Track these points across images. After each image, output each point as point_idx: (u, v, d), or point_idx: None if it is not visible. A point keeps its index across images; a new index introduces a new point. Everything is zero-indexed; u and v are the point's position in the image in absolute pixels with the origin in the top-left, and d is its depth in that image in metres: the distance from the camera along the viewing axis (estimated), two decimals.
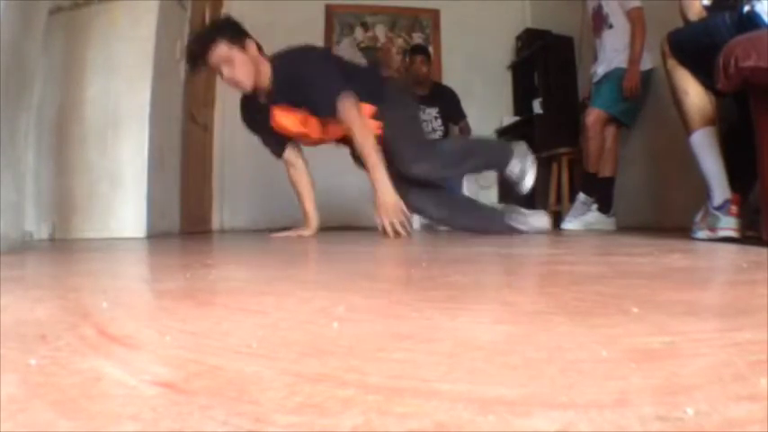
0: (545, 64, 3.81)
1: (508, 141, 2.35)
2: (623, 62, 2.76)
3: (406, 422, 0.22)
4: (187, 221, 3.08)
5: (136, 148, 2.39)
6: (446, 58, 4.44)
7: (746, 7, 1.55)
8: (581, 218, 2.87)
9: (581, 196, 2.93)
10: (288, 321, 0.46)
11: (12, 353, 0.34)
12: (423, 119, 3.40)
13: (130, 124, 2.39)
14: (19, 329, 0.42)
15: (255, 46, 2.01)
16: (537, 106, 3.74)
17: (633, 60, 2.72)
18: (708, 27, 1.64)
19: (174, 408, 0.24)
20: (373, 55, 4.40)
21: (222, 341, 0.38)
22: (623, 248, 1.46)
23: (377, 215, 1.96)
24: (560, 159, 3.39)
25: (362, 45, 4.47)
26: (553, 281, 0.75)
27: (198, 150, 3.59)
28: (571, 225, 2.88)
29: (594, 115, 2.84)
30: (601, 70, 2.90)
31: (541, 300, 0.55)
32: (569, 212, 2.96)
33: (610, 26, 2.85)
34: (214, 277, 0.84)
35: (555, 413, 0.23)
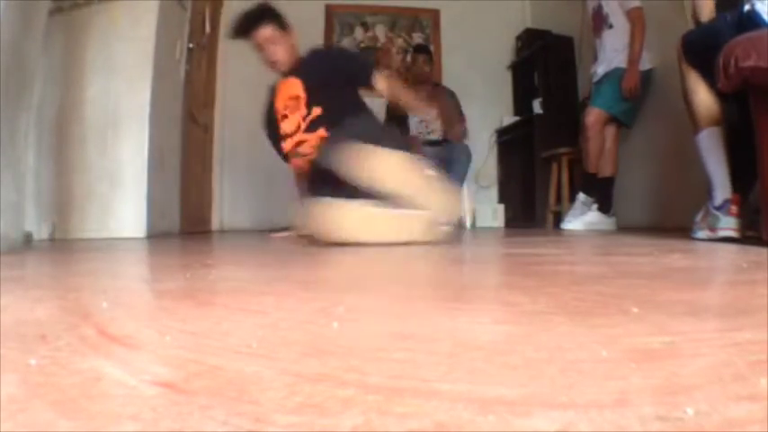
0: (545, 64, 3.81)
1: None
2: (623, 62, 2.76)
3: (406, 422, 0.22)
4: (187, 221, 3.08)
5: (136, 148, 2.39)
6: (446, 58, 4.44)
7: (747, 6, 1.55)
8: (581, 218, 2.87)
9: (581, 196, 2.93)
10: (288, 321, 0.46)
11: (12, 353, 0.34)
12: (423, 119, 3.41)
13: (130, 124, 2.39)
14: (19, 329, 0.42)
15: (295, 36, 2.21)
16: (537, 106, 3.74)
17: (632, 60, 2.72)
18: (711, 28, 1.65)
19: (174, 408, 0.24)
20: (373, 55, 4.39)
21: (222, 341, 0.38)
22: (623, 248, 1.46)
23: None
24: (560, 159, 3.39)
25: (362, 45, 4.46)
26: (553, 281, 0.75)
27: (198, 150, 3.59)
28: (571, 225, 2.88)
29: (594, 115, 2.84)
30: (601, 70, 2.90)
31: (541, 300, 0.55)
32: (569, 212, 2.96)
33: (610, 26, 2.85)
34: (214, 277, 0.84)
35: (555, 413, 0.23)
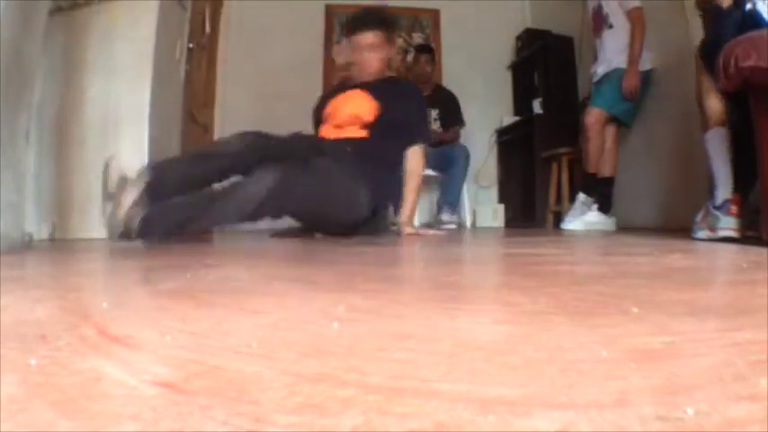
0: (545, 64, 3.81)
1: None
2: (623, 62, 2.76)
3: (406, 422, 0.22)
4: None
5: (136, 148, 2.39)
6: (446, 58, 4.44)
7: (748, 6, 1.55)
8: (581, 218, 2.87)
9: (581, 196, 2.92)
10: (288, 321, 0.46)
11: (12, 353, 0.34)
12: None
13: (130, 124, 2.38)
14: (19, 329, 0.42)
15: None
16: (537, 106, 3.74)
17: (633, 61, 2.71)
18: (717, 31, 1.67)
19: (174, 408, 0.24)
20: None
21: (222, 341, 0.38)
22: (623, 248, 1.46)
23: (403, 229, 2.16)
24: (560, 159, 3.39)
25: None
26: (553, 281, 0.75)
27: None
28: (571, 225, 2.87)
29: (594, 115, 2.84)
30: (601, 70, 2.90)
31: (541, 300, 0.55)
32: (569, 212, 2.96)
33: (610, 26, 2.85)
34: (214, 277, 0.84)
35: (555, 413, 0.23)
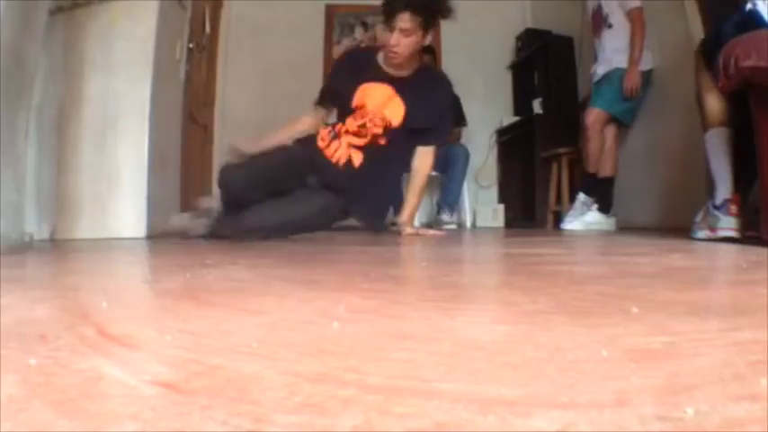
0: (545, 64, 3.81)
1: None
2: (623, 62, 2.76)
3: (406, 422, 0.22)
4: None
5: (135, 148, 2.39)
6: (446, 58, 4.44)
7: (748, 5, 1.56)
8: (581, 218, 2.87)
9: (581, 196, 2.93)
10: (288, 321, 0.46)
11: (12, 353, 0.34)
12: None
13: (130, 124, 2.38)
14: (19, 329, 0.42)
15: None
16: (537, 106, 3.74)
17: (633, 61, 2.71)
18: (718, 30, 1.67)
19: (174, 408, 0.24)
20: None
21: (222, 341, 0.38)
22: (623, 248, 1.46)
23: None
24: (560, 159, 3.39)
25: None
26: (553, 281, 0.75)
27: (198, 150, 3.58)
28: (571, 225, 2.88)
29: (594, 115, 2.84)
30: (601, 70, 2.90)
31: (541, 300, 0.55)
32: (569, 212, 2.96)
33: (609, 26, 2.85)
34: (214, 277, 0.84)
35: (555, 413, 0.23)
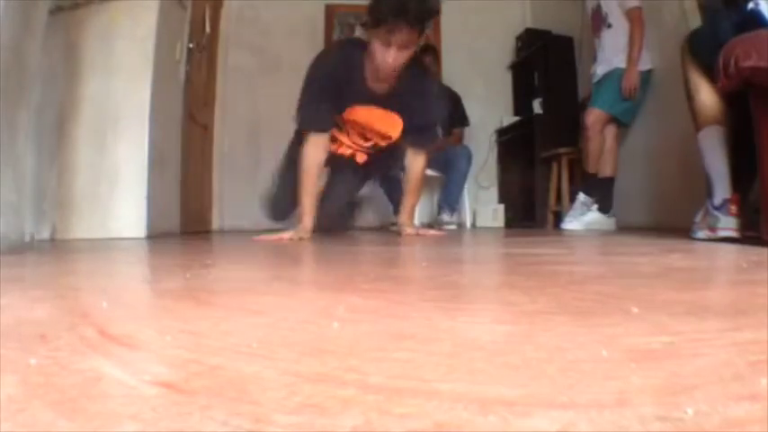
0: (545, 64, 3.81)
1: None
2: (623, 62, 2.76)
3: (406, 422, 0.22)
4: (187, 221, 3.07)
5: (136, 148, 2.39)
6: (446, 58, 4.44)
7: (750, 5, 1.55)
8: (581, 218, 2.87)
9: (581, 196, 2.93)
10: (288, 321, 0.46)
11: (12, 353, 0.34)
12: None
13: (130, 124, 2.39)
14: (19, 329, 0.42)
15: None
16: (537, 106, 3.74)
17: (632, 61, 2.71)
18: (715, 27, 1.66)
19: (174, 408, 0.24)
20: None
21: (222, 341, 0.38)
22: (623, 248, 1.46)
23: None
24: (560, 159, 3.39)
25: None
26: (553, 281, 0.75)
27: (198, 150, 3.58)
28: (571, 225, 2.88)
29: (594, 115, 2.84)
30: (600, 70, 2.90)
31: (541, 300, 0.55)
32: (569, 212, 2.96)
33: (609, 26, 2.85)
34: (214, 277, 0.84)
35: (555, 413, 0.23)
